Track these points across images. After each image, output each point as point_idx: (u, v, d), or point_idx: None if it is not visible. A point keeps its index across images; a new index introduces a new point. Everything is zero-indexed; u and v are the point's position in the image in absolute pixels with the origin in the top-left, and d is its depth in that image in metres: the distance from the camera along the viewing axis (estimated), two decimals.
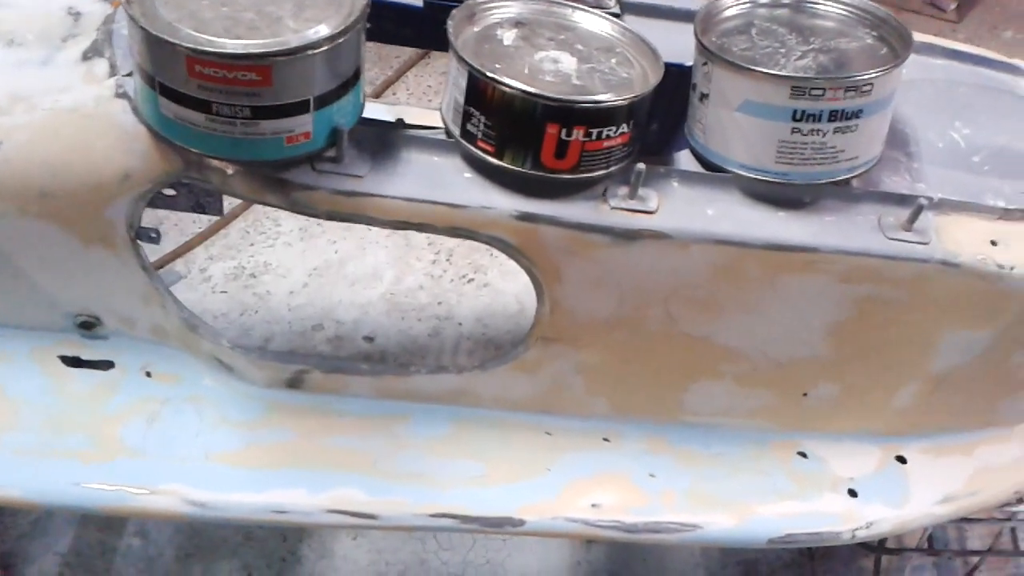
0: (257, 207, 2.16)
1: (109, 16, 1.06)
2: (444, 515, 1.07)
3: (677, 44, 1.10)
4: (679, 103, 1.10)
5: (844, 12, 1.10)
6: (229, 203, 1.69)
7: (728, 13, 1.09)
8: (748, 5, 1.10)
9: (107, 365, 1.10)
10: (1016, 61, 1.35)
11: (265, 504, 1.04)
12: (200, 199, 1.26)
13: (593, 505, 1.11)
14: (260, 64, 0.84)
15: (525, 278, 1.03)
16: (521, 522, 1.08)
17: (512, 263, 2.13)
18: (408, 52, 2.64)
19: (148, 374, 1.10)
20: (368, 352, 1.87)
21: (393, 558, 1.56)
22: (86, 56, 1.02)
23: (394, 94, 2.55)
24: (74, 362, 1.10)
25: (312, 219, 2.13)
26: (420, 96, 2.56)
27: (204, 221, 2.06)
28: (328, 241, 2.09)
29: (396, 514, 1.06)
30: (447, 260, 2.10)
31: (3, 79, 1.01)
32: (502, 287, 2.04)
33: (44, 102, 0.98)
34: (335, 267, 2.04)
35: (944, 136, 1.17)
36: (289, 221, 2.13)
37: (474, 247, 2.11)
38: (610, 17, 1.09)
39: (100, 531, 1.55)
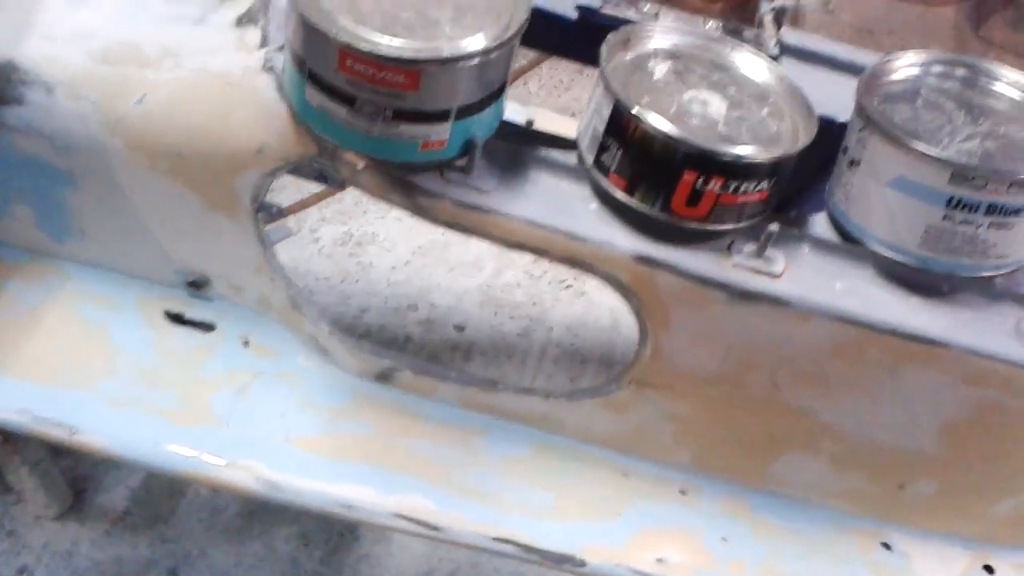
0: None
1: None
2: (507, 541, 1.05)
3: (832, 96, 1.05)
4: (819, 158, 1.05)
5: (1020, 96, 1.03)
6: None
7: (896, 76, 1.03)
8: (918, 70, 1.04)
9: (208, 327, 1.12)
10: None
11: (334, 496, 1.04)
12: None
13: (659, 560, 1.08)
14: (409, 68, 0.83)
15: None
16: (583, 563, 1.06)
17: None
18: None
19: (246, 343, 1.11)
20: (456, 342, 1.86)
21: (447, 555, 1.56)
22: (240, 22, 1.02)
23: (525, 84, 2.52)
24: (177, 319, 1.12)
25: None
26: (551, 90, 2.53)
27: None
28: None
29: (460, 530, 1.05)
30: (547, 262, 2.07)
31: (157, 31, 1.01)
32: (598, 299, 2.00)
33: (192, 62, 0.99)
34: (439, 249, 2.03)
35: None
36: None
37: None
38: (769, 60, 1.04)
39: None
